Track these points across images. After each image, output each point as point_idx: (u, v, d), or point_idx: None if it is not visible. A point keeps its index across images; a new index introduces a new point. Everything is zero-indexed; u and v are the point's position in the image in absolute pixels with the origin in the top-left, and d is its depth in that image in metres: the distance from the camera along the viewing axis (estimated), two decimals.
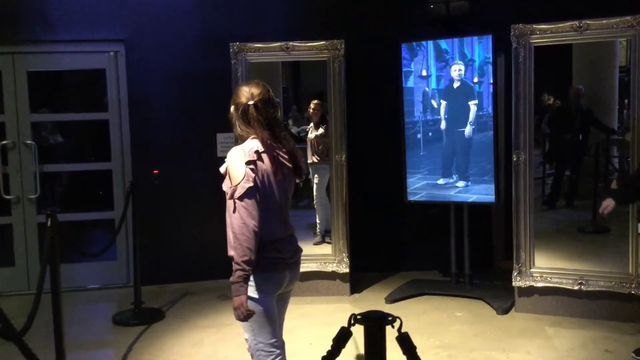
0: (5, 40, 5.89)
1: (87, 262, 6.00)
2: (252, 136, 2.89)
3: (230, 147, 2.98)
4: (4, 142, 5.96)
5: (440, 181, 5.64)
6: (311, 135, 6.26)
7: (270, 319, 2.88)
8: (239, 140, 2.98)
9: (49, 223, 3.73)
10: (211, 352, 4.60)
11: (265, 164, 2.83)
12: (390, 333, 2.21)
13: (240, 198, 2.70)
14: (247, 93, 2.88)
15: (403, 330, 2.19)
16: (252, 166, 2.77)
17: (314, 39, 5.55)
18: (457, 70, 5.51)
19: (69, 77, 6.84)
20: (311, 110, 6.23)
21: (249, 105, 2.86)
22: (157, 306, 5.54)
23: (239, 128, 2.93)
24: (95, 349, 4.85)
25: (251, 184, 2.73)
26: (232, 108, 2.94)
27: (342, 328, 2.24)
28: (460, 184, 5.57)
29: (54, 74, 6.57)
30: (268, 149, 2.85)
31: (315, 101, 6.18)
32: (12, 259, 6.07)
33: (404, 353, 2.20)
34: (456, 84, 5.52)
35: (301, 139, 6.48)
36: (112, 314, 5.35)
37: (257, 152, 2.82)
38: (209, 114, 6.07)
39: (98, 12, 5.96)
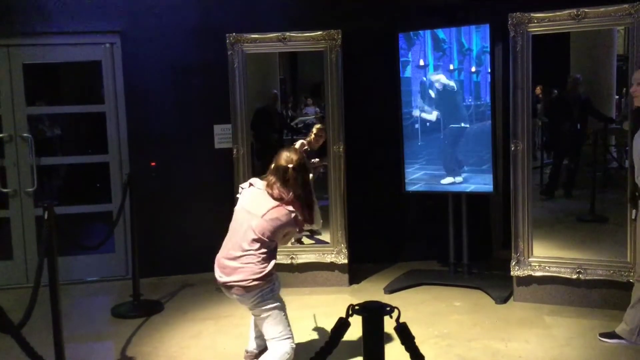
0: (1, 33, 5.85)
1: (85, 255, 6.01)
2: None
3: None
4: (1, 135, 5.94)
5: (446, 180, 5.62)
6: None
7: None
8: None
9: (46, 216, 3.72)
10: (210, 343, 4.60)
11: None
12: (389, 323, 2.20)
13: None
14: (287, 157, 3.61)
15: (402, 320, 2.19)
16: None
17: (311, 29, 5.52)
18: (436, 80, 5.53)
19: (65, 69, 6.81)
20: (313, 136, 5.82)
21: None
22: (155, 298, 5.54)
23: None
24: (94, 341, 4.84)
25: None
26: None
27: (340, 319, 2.24)
28: (459, 179, 5.56)
29: (50, 66, 6.54)
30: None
31: (319, 126, 5.86)
32: (10, 252, 6.06)
33: (403, 343, 2.19)
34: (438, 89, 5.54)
35: (299, 130, 6.43)
36: (111, 307, 5.35)
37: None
38: (205, 105, 6.06)
39: (94, 3, 5.92)
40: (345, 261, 5.63)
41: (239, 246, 3.51)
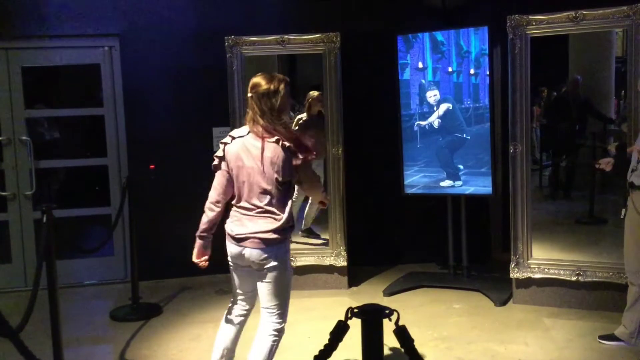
0: None
1: (84, 258, 6.00)
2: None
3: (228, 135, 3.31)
4: None
5: (445, 183, 5.63)
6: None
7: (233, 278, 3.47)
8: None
9: (45, 219, 3.71)
10: (209, 346, 4.56)
11: (234, 147, 3.28)
12: (388, 326, 2.20)
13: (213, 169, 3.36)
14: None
15: (401, 323, 2.19)
16: (223, 145, 3.34)
17: (310, 32, 5.52)
18: (432, 96, 5.54)
19: (63, 73, 6.80)
20: (308, 103, 6.04)
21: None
22: (154, 301, 5.53)
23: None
24: (93, 344, 4.84)
25: (215, 162, 3.36)
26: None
27: (340, 321, 2.23)
28: (459, 183, 5.56)
29: (49, 70, 6.53)
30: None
31: (314, 93, 6.00)
32: (9, 255, 6.05)
33: (402, 346, 2.19)
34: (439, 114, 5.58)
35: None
36: (110, 310, 5.34)
37: (231, 136, 3.33)
38: (204, 108, 6.05)
39: (93, 6, 5.92)
40: (345, 264, 5.63)
41: (250, 202, 3.26)
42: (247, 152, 3.24)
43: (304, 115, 6.25)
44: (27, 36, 5.90)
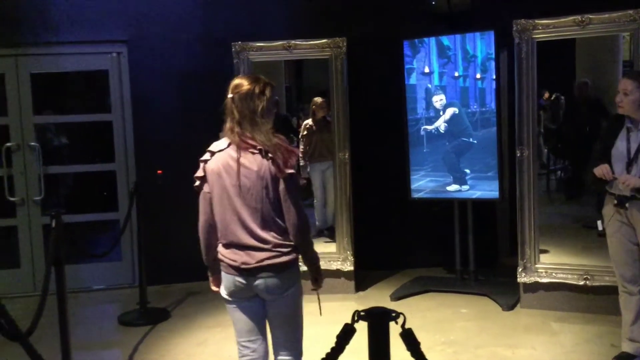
0: (8, 43, 5.91)
1: (92, 263, 6.04)
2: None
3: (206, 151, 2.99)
4: (8, 144, 5.98)
5: (451, 187, 5.63)
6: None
7: (232, 319, 3.01)
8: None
9: (53, 224, 3.74)
10: (216, 351, 4.61)
11: (214, 164, 2.85)
12: (395, 330, 2.21)
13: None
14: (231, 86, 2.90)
15: (407, 326, 2.19)
16: (202, 164, 2.89)
17: (316, 37, 5.55)
18: (438, 100, 5.55)
19: (72, 79, 6.85)
20: (313, 108, 6.20)
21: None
22: (162, 306, 5.55)
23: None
24: (101, 349, 4.86)
25: (196, 183, 2.91)
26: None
27: (346, 325, 2.24)
28: (465, 187, 5.57)
29: (57, 76, 6.58)
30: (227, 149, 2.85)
31: (318, 99, 6.14)
32: (18, 260, 6.10)
33: (408, 349, 2.19)
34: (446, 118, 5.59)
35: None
36: (118, 315, 5.37)
37: (210, 151, 2.89)
38: (211, 113, 6.03)
39: (100, 13, 5.97)
40: (352, 268, 5.63)
41: (255, 233, 2.80)
42: (228, 167, 2.80)
43: (309, 121, 6.29)
44: (36, 43, 5.95)
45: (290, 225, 2.80)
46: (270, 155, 2.75)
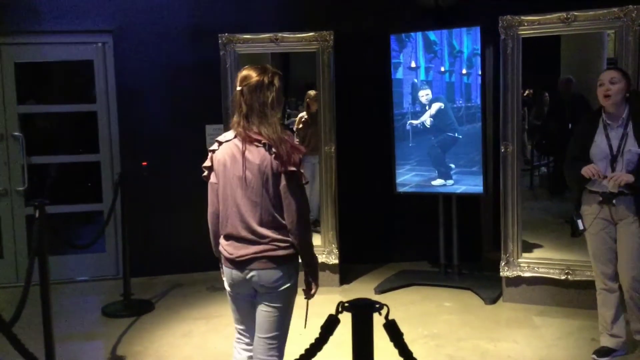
0: None
1: (76, 254, 6.01)
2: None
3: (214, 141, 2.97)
4: None
5: (436, 182, 5.66)
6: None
7: (230, 307, 3.01)
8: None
9: (37, 214, 3.72)
10: (201, 343, 4.61)
11: (221, 155, 2.85)
12: (379, 321, 2.22)
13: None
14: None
15: (391, 318, 2.21)
16: (210, 154, 2.89)
17: (303, 30, 5.54)
18: (424, 95, 5.58)
19: (57, 69, 6.79)
20: (309, 101, 6.18)
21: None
22: (146, 298, 5.54)
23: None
24: (85, 340, 4.84)
25: (204, 173, 2.91)
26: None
27: (330, 315, 2.25)
28: (450, 182, 5.60)
29: (42, 65, 6.52)
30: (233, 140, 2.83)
31: (313, 92, 6.07)
32: (1, 251, 6.05)
33: (391, 340, 2.21)
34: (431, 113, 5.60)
35: (291, 129, 6.47)
36: (102, 306, 5.35)
37: (218, 141, 2.89)
38: (197, 105, 6.06)
39: (86, 2, 5.93)
40: (336, 261, 5.65)
41: (250, 226, 2.78)
42: (233, 158, 2.79)
43: (304, 114, 6.29)
44: (21, 31, 5.90)
45: (288, 222, 2.77)
46: (274, 150, 2.72)
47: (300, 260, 2.88)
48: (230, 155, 2.81)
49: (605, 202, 3.88)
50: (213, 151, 2.88)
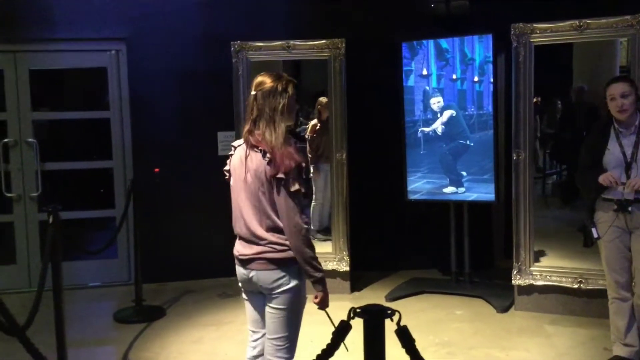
0: (7, 39, 5.91)
1: (88, 260, 6.03)
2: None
3: (230, 146, 3.07)
4: (6, 140, 5.98)
5: (448, 189, 5.65)
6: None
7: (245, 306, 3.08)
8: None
9: (50, 220, 3.75)
10: (211, 349, 4.62)
11: (234, 159, 2.96)
12: (390, 328, 2.22)
13: None
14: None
15: (403, 326, 2.21)
16: (229, 158, 3.01)
17: (315, 37, 5.56)
18: (436, 103, 5.58)
19: (70, 76, 6.85)
20: (319, 108, 6.17)
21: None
22: (158, 304, 5.56)
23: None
24: (96, 346, 4.86)
25: (226, 176, 3.02)
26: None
27: (342, 321, 2.26)
28: (462, 189, 5.59)
29: (56, 73, 6.58)
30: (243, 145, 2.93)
31: (323, 99, 6.06)
32: (14, 256, 6.09)
33: (403, 346, 2.21)
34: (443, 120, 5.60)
35: (302, 137, 6.48)
36: (113, 312, 5.37)
37: (233, 146, 3.01)
38: (210, 112, 6.09)
39: (100, 10, 5.98)
40: (347, 269, 5.65)
41: (250, 228, 2.86)
42: (239, 162, 2.89)
43: (315, 121, 6.29)
44: (35, 39, 5.96)
45: (283, 226, 2.81)
46: (268, 155, 2.76)
47: None
48: (238, 159, 2.92)
49: (621, 210, 3.86)
50: (230, 155, 3.02)
